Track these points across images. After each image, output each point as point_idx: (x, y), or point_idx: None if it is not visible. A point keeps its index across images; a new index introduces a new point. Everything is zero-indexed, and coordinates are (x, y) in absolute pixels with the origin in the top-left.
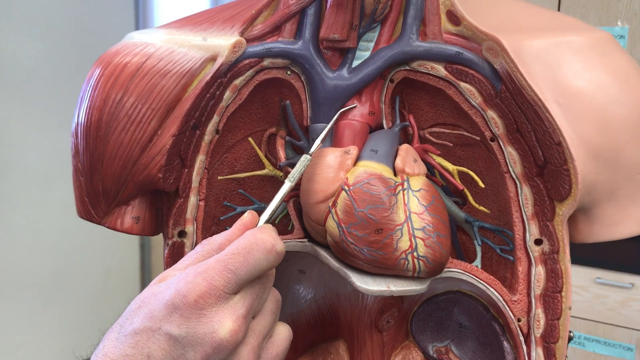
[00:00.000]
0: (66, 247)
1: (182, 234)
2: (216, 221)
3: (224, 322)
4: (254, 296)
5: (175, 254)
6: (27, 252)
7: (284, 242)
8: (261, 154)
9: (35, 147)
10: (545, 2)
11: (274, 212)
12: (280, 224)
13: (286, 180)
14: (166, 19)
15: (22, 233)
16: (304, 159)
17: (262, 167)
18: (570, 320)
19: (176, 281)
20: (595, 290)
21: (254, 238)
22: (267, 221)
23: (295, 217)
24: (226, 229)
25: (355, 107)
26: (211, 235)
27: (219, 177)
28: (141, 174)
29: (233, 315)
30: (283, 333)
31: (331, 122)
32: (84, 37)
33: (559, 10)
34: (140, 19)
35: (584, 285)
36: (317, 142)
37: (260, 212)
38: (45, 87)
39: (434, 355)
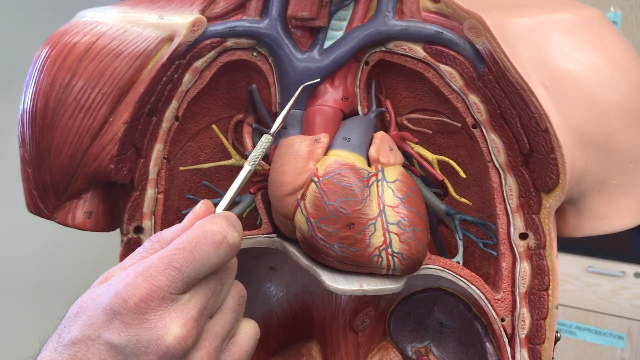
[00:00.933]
0: (51, 238)
1: (138, 229)
2: (179, 215)
3: (170, 326)
4: (208, 294)
5: (130, 252)
6: (13, 242)
7: (252, 237)
8: (227, 143)
9: None
10: None
11: (231, 200)
12: (249, 217)
13: (245, 164)
14: None
15: (4, 231)
16: (265, 139)
17: (229, 156)
18: (562, 309)
19: (115, 283)
20: (586, 279)
21: (201, 230)
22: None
23: (263, 211)
24: None
25: (318, 82)
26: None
27: (181, 168)
28: (92, 164)
29: (181, 318)
30: (248, 332)
31: (293, 98)
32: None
33: None
34: None
35: (576, 274)
36: (278, 120)
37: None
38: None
39: (413, 357)
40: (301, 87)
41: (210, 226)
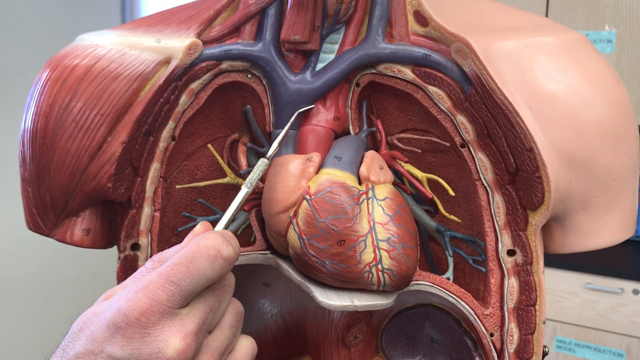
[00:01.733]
0: (50, 254)
1: (135, 246)
2: (175, 232)
3: (170, 340)
4: (206, 309)
5: (127, 269)
6: (11, 258)
7: (246, 254)
8: (222, 161)
9: None
10: (532, 6)
11: (230, 220)
12: (244, 235)
13: (243, 186)
14: None
15: (4, 239)
16: (261, 162)
17: (224, 175)
18: (560, 326)
19: (117, 299)
20: (585, 296)
21: (196, 246)
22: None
23: (257, 228)
24: None
25: (312, 107)
26: (169, 247)
27: (178, 186)
28: (90, 183)
29: (180, 332)
30: (245, 348)
31: (288, 124)
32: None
33: (546, 14)
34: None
35: (574, 291)
36: (274, 145)
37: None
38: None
39: None
40: (296, 113)
41: (205, 241)
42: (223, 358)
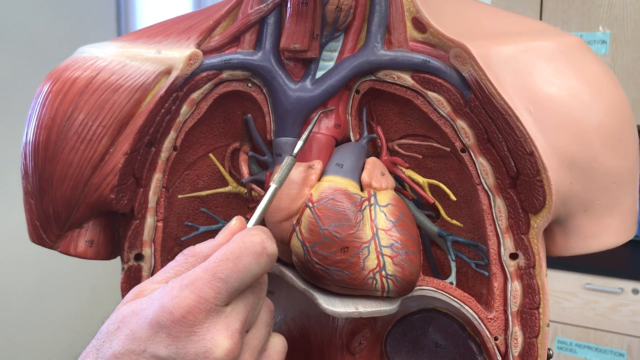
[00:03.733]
0: (50, 265)
1: (138, 257)
2: (178, 242)
3: (218, 339)
4: (247, 307)
5: (131, 279)
6: (11, 269)
7: None
8: (223, 170)
9: (19, 165)
10: (527, 9)
11: (260, 217)
12: None
13: (271, 183)
14: None
15: (4, 250)
16: (289, 159)
17: (226, 184)
18: (561, 327)
19: (160, 296)
20: (585, 296)
21: (242, 241)
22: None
23: None
24: None
25: (333, 109)
26: (173, 257)
27: (180, 196)
28: (93, 195)
29: (227, 330)
30: (278, 345)
31: (312, 123)
32: (66, 53)
33: (540, 17)
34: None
35: (574, 292)
36: (300, 143)
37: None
38: (27, 103)
39: None
40: (318, 114)
41: (251, 237)
42: (259, 356)
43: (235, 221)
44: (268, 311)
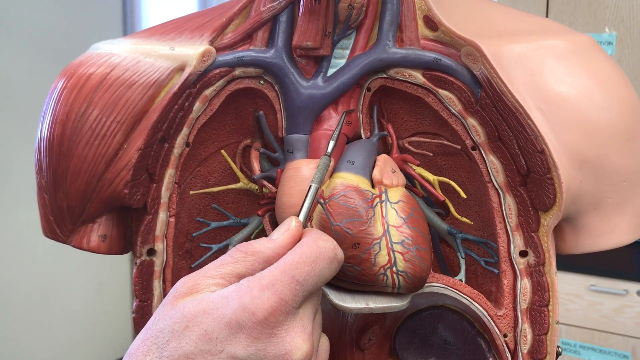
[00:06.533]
0: (55, 262)
1: (151, 252)
2: (189, 238)
3: (297, 342)
4: (314, 310)
5: (144, 274)
6: (16, 268)
7: None
8: (235, 167)
9: (24, 163)
10: (533, 10)
11: (307, 215)
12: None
13: (311, 183)
14: None
15: (10, 249)
16: (325, 159)
17: (237, 180)
18: (566, 328)
19: (238, 296)
20: (589, 298)
21: (316, 246)
22: (304, 226)
23: (271, 233)
24: (200, 246)
25: (354, 110)
26: (184, 252)
27: (191, 192)
28: (107, 190)
29: (304, 333)
30: (325, 344)
31: (340, 121)
32: (71, 52)
33: (546, 17)
34: (128, 33)
35: (578, 293)
36: (332, 143)
37: (236, 227)
38: (33, 102)
39: None
40: (345, 113)
41: (324, 243)
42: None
43: (295, 222)
44: (320, 312)
